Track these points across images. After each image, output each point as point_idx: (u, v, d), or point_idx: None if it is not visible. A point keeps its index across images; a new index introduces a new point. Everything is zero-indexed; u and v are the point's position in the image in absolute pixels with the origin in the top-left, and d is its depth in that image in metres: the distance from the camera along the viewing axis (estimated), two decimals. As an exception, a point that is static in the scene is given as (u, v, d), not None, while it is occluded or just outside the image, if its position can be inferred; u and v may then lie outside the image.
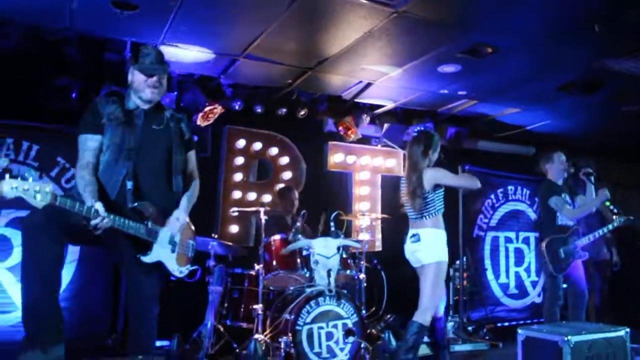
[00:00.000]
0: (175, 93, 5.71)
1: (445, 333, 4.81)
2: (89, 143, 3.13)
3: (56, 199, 2.70)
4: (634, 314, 6.57)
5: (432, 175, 4.34)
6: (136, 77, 3.19)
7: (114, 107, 3.14)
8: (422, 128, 4.81)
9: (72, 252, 5.33)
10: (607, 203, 5.46)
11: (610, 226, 5.39)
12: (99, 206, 2.83)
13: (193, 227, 3.54)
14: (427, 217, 4.37)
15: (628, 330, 4.21)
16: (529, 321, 7.60)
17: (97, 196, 2.94)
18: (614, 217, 5.41)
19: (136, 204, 3.10)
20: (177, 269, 3.32)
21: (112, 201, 3.05)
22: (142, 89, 3.17)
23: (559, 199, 5.37)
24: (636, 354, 4.83)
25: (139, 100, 3.22)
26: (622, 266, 7.15)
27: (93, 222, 2.81)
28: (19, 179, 2.63)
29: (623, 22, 4.24)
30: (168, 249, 3.24)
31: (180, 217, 3.28)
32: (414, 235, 4.45)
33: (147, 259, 3.13)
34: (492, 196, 8.03)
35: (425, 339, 5.89)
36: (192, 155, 3.48)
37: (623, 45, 4.82)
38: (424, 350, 5.26)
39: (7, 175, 2.61)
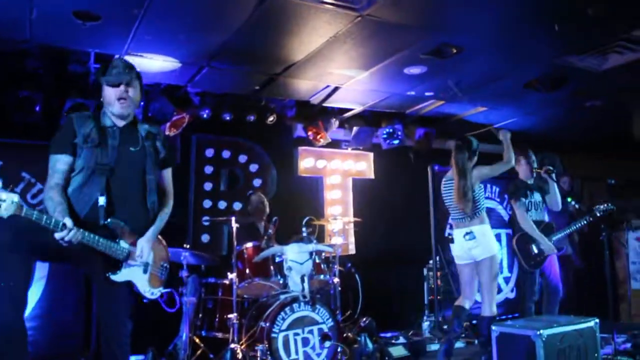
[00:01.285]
0: (142, 103, 5.64)
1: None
2: (59, 165, 3.02)
3: (22, 210, 2.63)
4: (596, 307, 6.72)
5: (478, 175, 4.81)
6: (106, 91, 3.09)
7: (90, 127, 3.04)
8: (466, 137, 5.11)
9: (41, 269, 5.24)
10: (569, 199, 5.56)
11: (589, 217, 5.36)
12: (67, 220, 2.75)
13: (166, 248, 3.47)
14: (477, 214, 4.76)
15: (597, 320, 4.29)
16: (503, 317, 7.70)
17: (68, 215, 2.86)
18: (594, 208, 5.39)
19: (108, 221, 3.03)
20: (149, 291, 3.25)
21: (82, 219, 2.97)
22: (112, 102, 3.07)
23: (522, 202, 5.43)
24: (606, 343, 4.94)
25: (113, 116, 3.13)
26: (585, 264, 7.20)
27: (58, 234, 2.74)
28: None
29: (584, 20, 4.34)
30: (140, 269, 3.18)
31: (144, 248, 3.15)
32: (468, 234, 4.76)
33: (116, 277, 3.07)
34: (463, 195, 8.10)
35: (402, 339, 5.97)
36: (166, 172, 3.37)
37: (584, 43, 4.94)
38: (401, 351, 5.29)
39: None
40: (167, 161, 3.35)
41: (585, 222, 5.39)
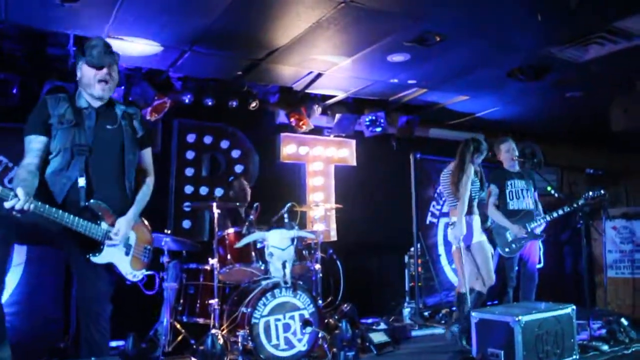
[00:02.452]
0: (123, 87, 5.57)
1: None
2: (33, 144, 2.98)
3: None
4: (573, 294, 6.84)
5: (465, 176, 5.08)
6: (85, 71, 3.03)
7: (64, 107, 3.01)
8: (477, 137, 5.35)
9: (19, 255, 5.16)
10: (549, 188, 5.63)
11: (575, 204, 5.37)
12: (19, 190, 2.66)
13: (150, 231, 3.44)
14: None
15: (574, 307, 4.37)
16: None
17: (32, 192, 2.78)
18: (584, 194, 5.39)
19: (89, 202, 2.99)
20: (131, 273, 3.22)
21: (62, 201, 2.95)
22: (92, 84, 3.03)
23: (494, 188, 5.55)
24: (582, 329, 5.03)
25: (89, 97, 3.09)
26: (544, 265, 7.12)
27: (7, 203, 2.63)
28: None
29: (566, 10, 4.36)
30: (122, 251, 3.15)
31: (120, 229, 3.10)
32: (452, 223, 5.11)
33: (97, 259, 3.04)
34: (444, 183, 8.14)
35: (383, 325, 6.01)
36: (146, 152, 3.35)
37: (566, 34, 4.97)
38: (382, 337, 5.33)
39: None
40: (146, 141, 3.33)
41: (573, 207, 5.40)
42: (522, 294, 5.60)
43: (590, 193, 5.34)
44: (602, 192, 5.34)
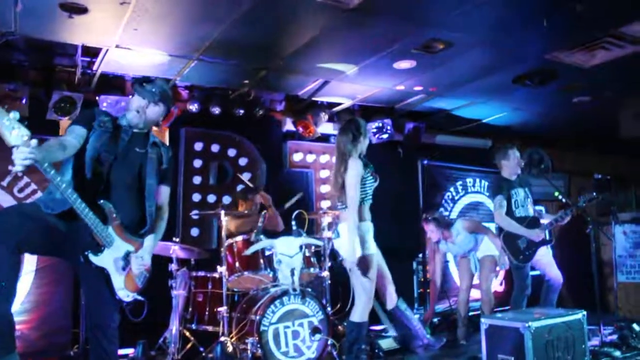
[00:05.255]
0: (130, 96, 5.61)
1: (409, 320, 4.93)
2: (76, 130, 3.10)
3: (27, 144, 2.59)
4: (584, 299, 6.75)
5: (350, 168, 4.05)
6: (132, 98, 3.26)
7: (107, 119, 3.21)
8: (352, 118, 4.59)
9: (29, 263, 5.19)
10: (557, 194, 5.57)
11: (573, 209, 5.31)
12: (33, 142, 2.63)
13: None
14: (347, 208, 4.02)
15: (585, 313, 4.34)
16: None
17: (48, 158, 2.77)
18: (579, 197, 5.36)
19: (102, 201, 3.04)
20: (122, 289, 3.18)
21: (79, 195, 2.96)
22: (130, 109, 3.23)
23: (501, 199, 5.37)
24: (593, 335, 5.00)
25: (129, 122, 3.26)
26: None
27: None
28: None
29: (572, 16, 4.36)
30: (119, 264, 3.15)
31: (144, 257, 3.26)
32: (335, 231, 4.22)
33: (94, 259, 3.04)
34: (452, 189, 8.14)
35: (392, 332, 5.98)
36: (165, 190, 3.45)
37: (572, 39, 4.97)
38: (391, 344, 5.31)
39: None
40: (167, 177, 3.44)
41: (569, 213, 5.33)
42: (544, 297, 5.48)
43: (586, 197, 5.27)
44: (595, 195, 5.27)
